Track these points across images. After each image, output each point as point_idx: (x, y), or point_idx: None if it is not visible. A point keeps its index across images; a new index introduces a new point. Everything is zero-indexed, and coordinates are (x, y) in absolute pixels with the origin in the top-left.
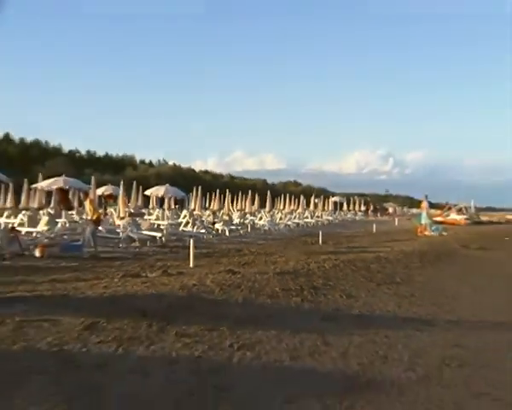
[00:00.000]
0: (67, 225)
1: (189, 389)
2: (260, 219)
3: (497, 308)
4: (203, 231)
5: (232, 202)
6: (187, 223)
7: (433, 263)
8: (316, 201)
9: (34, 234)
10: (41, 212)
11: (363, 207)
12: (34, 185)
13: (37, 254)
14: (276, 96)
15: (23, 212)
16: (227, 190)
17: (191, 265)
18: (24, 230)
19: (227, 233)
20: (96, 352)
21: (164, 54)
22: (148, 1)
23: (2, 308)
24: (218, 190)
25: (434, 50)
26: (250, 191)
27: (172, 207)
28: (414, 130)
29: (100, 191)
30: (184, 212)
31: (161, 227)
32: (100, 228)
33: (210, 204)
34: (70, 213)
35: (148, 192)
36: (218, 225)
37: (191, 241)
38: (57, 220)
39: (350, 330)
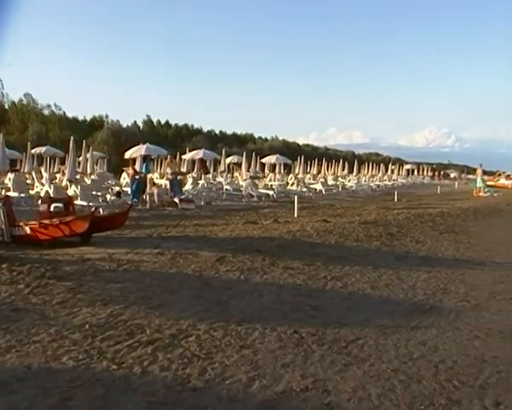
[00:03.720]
0: (205, 185)
1: (292, 306)
2: (349, 181)
3: None
4: (305, 190)
5: (327, 169)
6: (292, 184)
7: (485, 218)
8: (392, 167)
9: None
10: (188, 175)
11: (430, 173)
12: (184, 156)
13: (185, 206)
14: (362, 83)
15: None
16: (323, 159)
17: (295, 215)
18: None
19: (323, 192)
20: (224, 277)
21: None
22: None
23: (163, 243)
24: (316, 159)
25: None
26: (341, 160)
27: (282, 171)
28: (471, 111)
29: (228, 160)
30: (290, 175)
31: (273, 187)
32: (228, 187)
33: (310, 170)
34: (207, 176)
35: (263, 160)
36: (316, 186)
37: (295, 197)
38: (198, 182)
39: (417, 268)
